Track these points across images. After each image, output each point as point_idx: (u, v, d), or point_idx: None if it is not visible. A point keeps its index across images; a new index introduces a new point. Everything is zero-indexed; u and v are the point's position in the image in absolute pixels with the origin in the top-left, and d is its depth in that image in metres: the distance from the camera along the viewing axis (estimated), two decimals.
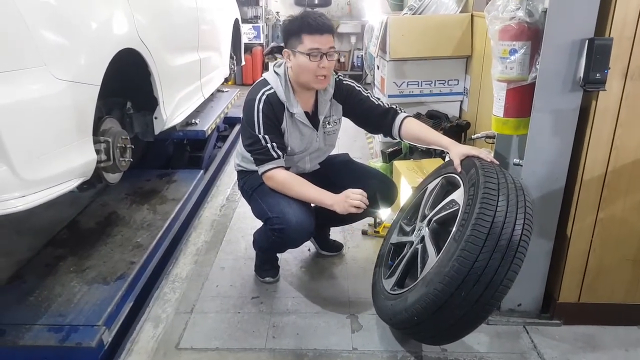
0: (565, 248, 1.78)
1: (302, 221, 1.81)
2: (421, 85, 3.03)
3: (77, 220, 2.43)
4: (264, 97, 1.85)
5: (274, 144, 1.85)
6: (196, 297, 2.05)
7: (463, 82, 3.03)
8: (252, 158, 1.93)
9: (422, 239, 1.68)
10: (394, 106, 2.00)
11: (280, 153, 1.86)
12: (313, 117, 1.96)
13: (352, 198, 1.76)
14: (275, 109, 1.86)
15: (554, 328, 1.86)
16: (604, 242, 1.77)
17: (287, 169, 1.92)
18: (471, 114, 2.93)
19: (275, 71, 1.91)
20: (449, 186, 1.80)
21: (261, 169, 1.88)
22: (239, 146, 2.11)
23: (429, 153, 2.87)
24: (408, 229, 1.91)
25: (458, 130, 2.81)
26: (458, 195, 1.62)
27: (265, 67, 6.73)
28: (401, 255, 1.80)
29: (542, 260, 1.83)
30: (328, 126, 2.00)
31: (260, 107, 1.84)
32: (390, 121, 1.96)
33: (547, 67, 1.58)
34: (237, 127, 4.47)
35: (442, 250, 1.47)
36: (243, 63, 5.32)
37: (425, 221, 1.73)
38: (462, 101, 3.08)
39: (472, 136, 2.51)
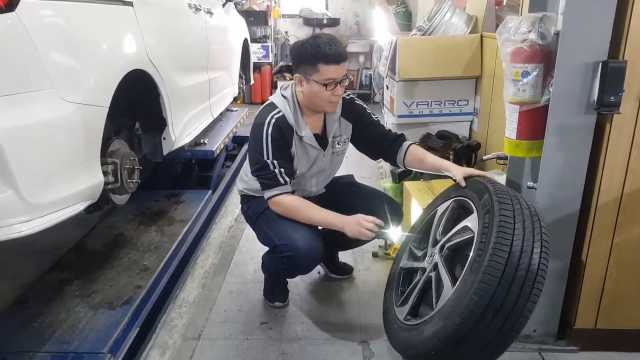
0: (581, 273, 1.74)
1: (311, 246, 1.78)
2: (431, 106, 3.02)
3: (84, 242, 2.41)
4: (273, 120, 1.83)
5: (282, 169, 1.81)
6: (204, 323, 2.01)
7: (473, 103, 3.01)
8: (255, 183, 1.91)
9: (435, 266, 1.64)
10: (402, 133, 2.00)
11: (287, 179, 1.83)
12: (322, 138, 1.94)
13: (365, 226, 1.73)
14: (284, 132, 1.83)
15: (570, 355, 1.81)
16: (620, 266, 1.72)
17: (293, 192, 1.90)
18: (481, 134, 2.90)
19: (282, 94, 1.89)
20: (460, 209, 1.76)
21: (267, 194, 1.84)
22: (243, 170, 2.09)
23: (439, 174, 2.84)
24: (419, 253, 1.87)
25: (468, 151, 2.78)
26: (472, 222, 1.58)
27: (274, 86, 6.77)
28: (413, 283, 1.75)
29: (558, 285, 1.78)
30: (337, 146, 1.98)
31: (270, 131, 1.81)
32: (397, 148, 1.96)
33: (560, 90, 1.56)
34: (246, 146, 4.46)
35: (459, 282, 1.43)
36: (252, 82, 5.34)
37: (438, 247, 1.69)
38: (472, 121, 3.06)
39: (483, 157, 2.48)
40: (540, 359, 1.79)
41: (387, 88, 3.33)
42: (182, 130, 2.73)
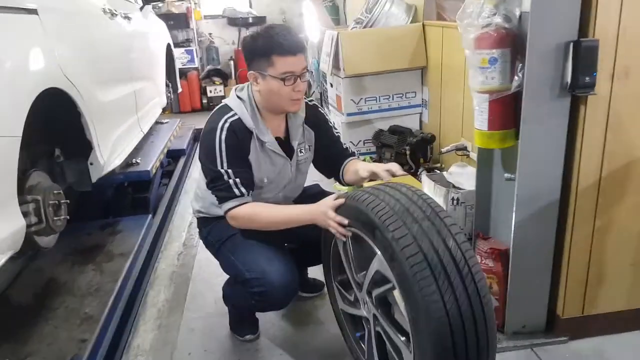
0: (565, 262, 1.68)
1: (287, 280, 1.58)
2: (379, 101, 2.90)
3: (7, 295, 2.04)
4: (226, 124, 1.61)
5: (238, 179, 1.60)
6: None
7: (420, 94, 2.93)
8: (214, 200, 1.69)
9: (376, 318, 1.46)
10: (354, 152, 1.86)
11: (244, 190, 1.61)
12: (286, 145, 1.74)
13: (332, 218, 1.45)
14: (240, 137, 1.62)
15: (561, 346, 1.76)
16: (603, 250, 1.68)
17: None
18: (432, 125, 2.83)
19: (238, 96, 1.67)
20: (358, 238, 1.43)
21: (223, 208, 1.63)
22: (197, 188, 1.86)
23: None
24: (350, 296, 1.65)
25: (423, 144, 2.69)
26: (381, 266, 1.31)
27: (203, 92, 6.42)
28: (367, 336, 1.56)
29: (543, 277, 1.72)
30: (300, 154, 1.78)
31: (223, 137, 1.59)
32: (342, 162, 1.80)
33: (533, 74, 1.47)
34: (183, 160, 4.17)
35: (414, 348, 1.26)
36: (180, 90, 5.02)
37: (365, 293, 1.48)
38: (421, 113, 2.98)
39: (442, 150, 2.40)
40: (533, 355, 1.72)
41: (332, 86, 3.17)
42: (110, 151, 2.43)
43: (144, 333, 1.99)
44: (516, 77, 1.53)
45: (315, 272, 2.25)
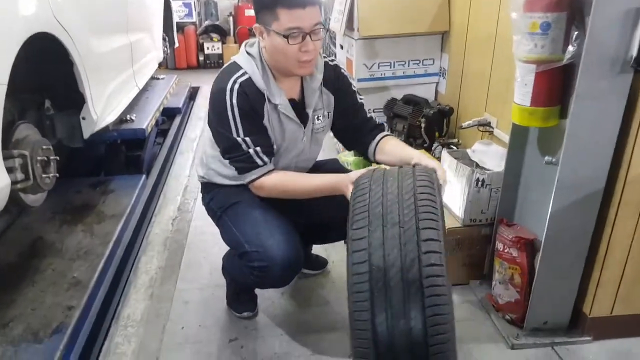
0: (602, 257, 1.55)
1: (288, 256, 1.42)
2: (394, 67, 2.69)
3: None
4: (236, 85, 1.42)
5: (258, 147, 1.44)
6: (158, 346, 1.63)
7: (439, 62, 2.73)
8: (220, 167, 1.56)
9: None
10: (382, 123, 1.66)
11: (266, 159, 1.45)
12: (300, 109, 1.55)
13: (348, 191, 1.32)
14: (252, 100, 1.44)
15: (585, 345, 1.64)
16: None
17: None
18: (450, 97, 2.64)
19: (247, 52, 1.48)
20: None
21: (246, 179, 1.48)
22: (203, 152, 1.68)
23: (409, 143, 2.56)
24: None
25: (440, 116, 2.51)
26: None
27: (200, 49, 6.14)
28: None
29: (574, 272, 1.58)
30: (317, 122, 1.59)
31: (234, 100, 1.41)
32: (371, 139, 1.60)
33: (594, 44, 1.29)
34: (178, 119, 3.96)
35: None
36: (176, 45, 4.77)
37: None
38: (437, 83, 2.79)
39: (463, 124, 2.22)
40: (554, 355, 1.60)
41: (342, 48, 2.95)
42: (104, 106, 2.26)
43: (135, 302, 1.85)
44: (570, 47, 1.36)
45: (319, 248, 2.12)
